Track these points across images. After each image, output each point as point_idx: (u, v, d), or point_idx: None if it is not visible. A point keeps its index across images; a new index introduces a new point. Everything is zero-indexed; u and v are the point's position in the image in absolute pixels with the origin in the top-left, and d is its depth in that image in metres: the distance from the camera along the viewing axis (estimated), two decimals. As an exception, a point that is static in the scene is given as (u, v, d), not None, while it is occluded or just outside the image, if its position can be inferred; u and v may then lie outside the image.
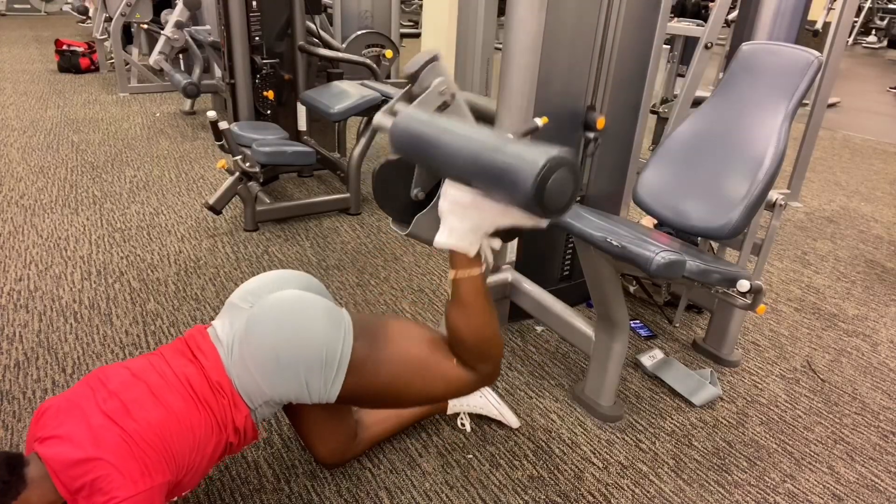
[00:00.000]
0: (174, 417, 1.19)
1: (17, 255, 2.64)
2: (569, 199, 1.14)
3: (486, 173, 1.15)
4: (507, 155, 1.12)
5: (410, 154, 1.36)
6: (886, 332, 2.48)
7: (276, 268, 2.67)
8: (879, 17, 12.03)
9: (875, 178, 4.42)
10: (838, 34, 3.37)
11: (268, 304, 1.35)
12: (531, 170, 1.07)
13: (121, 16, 5.19)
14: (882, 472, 1.77)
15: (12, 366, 1.97)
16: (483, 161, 1.15)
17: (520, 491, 1.62)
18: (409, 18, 10.48)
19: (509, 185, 1.11)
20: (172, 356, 1.31)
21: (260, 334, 1.31)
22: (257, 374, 1.29)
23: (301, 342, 1.30)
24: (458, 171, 1.23)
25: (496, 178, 1.14)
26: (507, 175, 1.11)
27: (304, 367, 1.29)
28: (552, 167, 1.08)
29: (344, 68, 3.65)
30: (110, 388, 1.20)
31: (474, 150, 1.17)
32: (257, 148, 2.88)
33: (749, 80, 1.87)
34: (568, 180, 1.11)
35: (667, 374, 2.07)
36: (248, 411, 1.31)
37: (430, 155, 1.27)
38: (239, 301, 1.40)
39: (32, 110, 4.82)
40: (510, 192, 1.13)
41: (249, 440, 1.36)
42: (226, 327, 1.37)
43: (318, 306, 1.36)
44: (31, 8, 10.42)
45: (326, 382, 1.31)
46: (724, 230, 1.78)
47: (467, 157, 1.18)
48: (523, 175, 1.08)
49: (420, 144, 1.29)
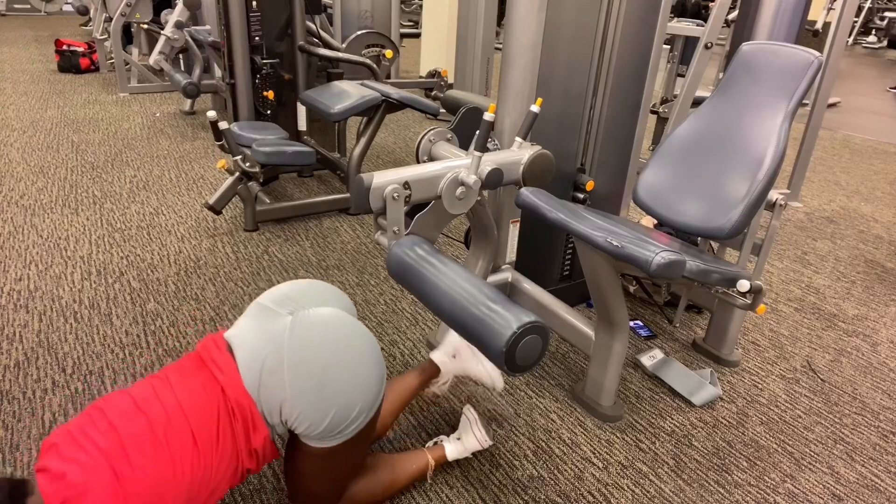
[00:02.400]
0: (169, 468, 1.10)
1: (17, 255, 2.64)
2: (535, 360, 1.28)
3: (465, 323, 1.31)
4: (486, 310, 1.28)
5: (403, 284, 1.53)
6: (886, 332, 2.48)
7: (276, 268, 2.67)
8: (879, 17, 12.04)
9: (875, 178, 4.43)
10: (838, 34, 3.37)
11: (324, 319, 1.28)
12: (504, 331, 1.22)
13: (121, 16, 5.19)
14: (882, 472, 1.77)
15: (12, 366, 1.97)
16: (463, 311, 1.32)
17: (520, 491, 1.62)
18: (409, 18, 10.48)
19: (485, 338, 1.26)
20: (180, 380, 1.21)
21: (314, 350, 1.23)
22: (290, 388, 1.20)
23: (350, 383, 1.24)
24: (441, 314, 1.39)
25: (474, 329, 1.29)
26: (483, 329, 1.27)
27: (337, 406, 1.22)
28: (523, 333, 1.23)
29: (344, 68, 3.65)
30: (110, 419, 1.12)
31: (457, 298, 1.35)
32: (257, 148, 2.88)
33: (749, 80, 1.88)
34: (537, 345, 1.26)
35: (667, 374, 2.07)
36: (267, 431, 1.22)
37: (419, 291, 1.45)
38: (273, 305, 1.31)
39: (32, 110, 4.82)
40: (484, 345, 1.27)
41: (268, 460, 1.28)
42: (253, 331, 1.28)
43: (374, 351, 1.31)
44: (31, 8, 10.42)
45: (342, 432, 1.25)
46: (724, 230, 1.78)
47: (451, 303, 1.35)
48: (497, 334, 1.23)
49: (410, 280, 1.48)
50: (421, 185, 1.65)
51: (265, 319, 1.29)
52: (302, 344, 1.23)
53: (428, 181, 1.66)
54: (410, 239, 1.58)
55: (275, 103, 3.42)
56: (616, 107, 2.23)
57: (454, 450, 1.62)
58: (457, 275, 1.39)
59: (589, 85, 2.13)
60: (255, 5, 3.20)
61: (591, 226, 1.57)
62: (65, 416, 1.76)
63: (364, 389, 1.26)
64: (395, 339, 2.23)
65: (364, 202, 1.58)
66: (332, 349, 1.25)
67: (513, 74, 1.98)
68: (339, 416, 1.22)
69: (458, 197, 1.69)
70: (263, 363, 1.21)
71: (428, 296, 1.41)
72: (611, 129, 2.26)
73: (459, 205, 1.71)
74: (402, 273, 1.50)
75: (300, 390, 1.20)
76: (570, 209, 1.71)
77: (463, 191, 1.69)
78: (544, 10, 1.89)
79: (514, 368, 1.24)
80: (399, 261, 1.52)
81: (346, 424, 1.24)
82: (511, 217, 2.16)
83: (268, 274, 2.62)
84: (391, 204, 1.60)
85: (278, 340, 1.23)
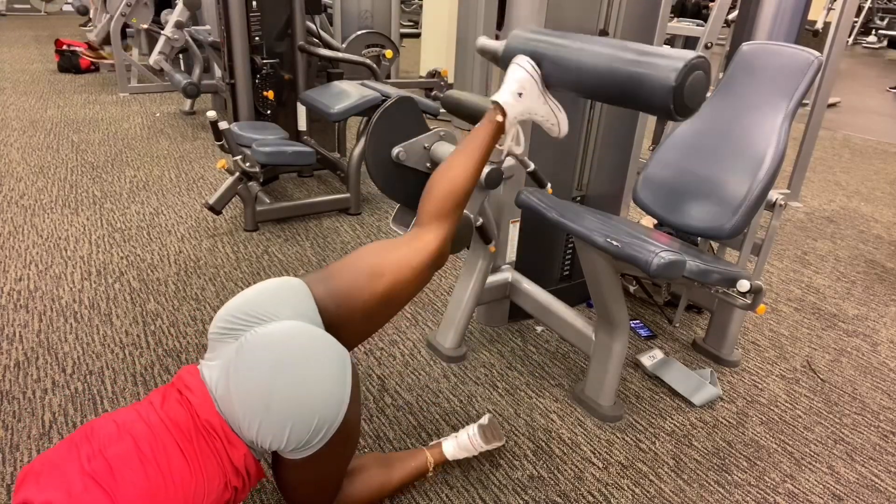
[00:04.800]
0: (160, 480, 1.09)
1: (17, 255, 2.64)
2: (702, 98, 1.26)
3: (622, 80, 1.28)
4: (642, 64, 1.25)
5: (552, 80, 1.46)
6: (886, 332, 2.48)
7: (276, 268, 2.67)
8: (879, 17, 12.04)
9: (875, 178, 4.43)
10: (838, 34, 3.37)
11: (265, 341, 1.22)
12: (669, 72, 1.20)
13: (121, 16, 5.19)
14: (882, 472, 1.77)
15: (12, 366, 1.97)
16: (617, 69, 1.28)
17: (520, 491, 1.62)
18: (409, 18, 10.48)
19: (647, 88, 1.24)
20: (162, 401, 1.21)
21: (256, 373, 1.19)
22: (240, 412, 1.17)
23: (300, 400, 1.18)
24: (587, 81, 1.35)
25: (633, 82, 1.26)
26: (644, 79, 1.24)
27: (292, 422, 1.17)
28: (692, 68, 1.20)
29: (344, 68, 3.65)
30: (94, 445, 1.11)
31: (607, 59, 1.31)
32: (257, 148, 2.88)
33: (749, 80, 1.88)
34: (703, 80, 1.23)
35: (667, 374, 2.07)
36: (245, 448, 1.21)
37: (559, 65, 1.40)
38: (221, 332, 1.27)
39: (32, 110, 4.82)
40: (648, 95, 1.25)
41: (255, 479, 1.26)
42: (212, 359, 1.27)
43: (328, 360, 1.23)
44: (31, 8, 10.42)
45: (309, 445, 1.20)
46: (724, 230, 1.78)
47: (601, 66, 1.31)
48: (662, 78, 1.21)
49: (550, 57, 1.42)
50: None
51: (219, 348, 1.27)
52: (243, 370, 1.20)
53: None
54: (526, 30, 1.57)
55: (275, 103, 3.42)
56: (616, 107, 2.23)
57: (451, 447, 1.62)
58: (592, 42, 1.39)
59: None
60: (255, 5, 3.20)
61: (591, 226, 1.57)
62: (65, 416, 1.77)
63: (318, 401, 1.19)
64: (396, 339, 2.23)
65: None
66: (272, 370, 1.19)
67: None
68: (298, 432, 1.17)
69: None
70: (216, 391, 1.21)
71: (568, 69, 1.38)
72: (611, 130, 2.26)
73: None
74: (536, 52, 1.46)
75: (250, 413, 1.17)
76: (570, 209, 1.71)
77: None
78: (544, 10, 1.89)
79: (682, 109, 1.22)
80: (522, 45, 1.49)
81: (310, 437, 1.19)
82: (511, 217, 2.16)
83: (268, 274, 2.62)
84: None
85: (226, 368, 1.22)
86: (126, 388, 1.90)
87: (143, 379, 1.94)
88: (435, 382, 2.01)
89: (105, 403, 1.83)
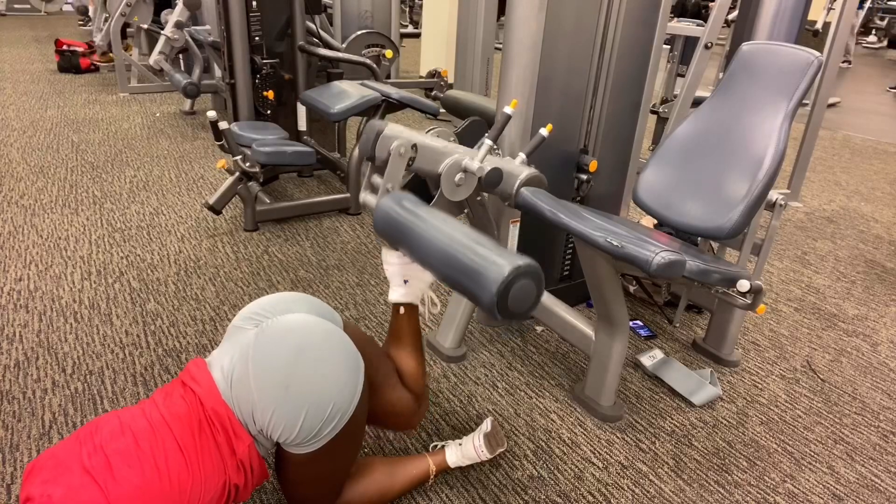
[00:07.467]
0: (156, 478, 1.10)
1: (17, 255, 2.64)
2: (531, 306, 1.19)
3: (456, 271, 1.22)
4: (476, 256, 1.19)
5: (391, 240, 1.46)
6: (886, 332, 2.48)
7: (276, 268, 2.67)
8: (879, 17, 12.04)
9: (875, 178, 4.43)
10: (838, 34, 3.37)
11: (286, 325, 1.28)
12: (496, 276, 1.13)
13: (120, 16, 5.19)
14: (882, 472, 1.77)
15: (12, 366, 1.97)
16: (453, 259, 1.23)
17: (520, 491, 1.62)
18: (409, 18, 10.48)
19: (475, 286, 1.17)
20: (165, 397, 1.24)
21: (277, 354, 1.23)
22: (256, 394, 1.20)
23: (318, 382, 1.22)
24: (430, 264, 1.32)
25: (465, 276, 1.20)
26: (474, 276, 1.17)
27: (308, 406, 1.20)
28: (517, 276, 1.13)
29: (344, 68, 3.65)
30: (97, 441, 1.13)
31: (446, 247, 1.25)
32: (257, 148, 2.88)
33: (749, 81, 1.88)
34: (531, 290, 1.17)
35: (667, 374, 2.07)
36: (250, 439, 1.22)
37: (407, 244, 1.38)
38: (242, 322, 1.34)
39: (32, 110, 4.82)
40: (476, 293, 1.18)
41: (257, 477, 1.27)
42: (226, 349, 1.30)
43: (343, 348, 1.29)
44: (31, 8, 10.42)
45: (319, 434, 1.22)
46: (724, 230, 1.78)
47: (440, 252, 1.27)
48: (488, 280, 1.14)
49: (398, 234, 1.40)
50: (427, 153, 1.63)
51: (236, 337, 1.32)
52: (265, 350, 1.24)
53: (435, 153, 1.65)
54: (399, 193, 1.52)
55: (275, 103, 3.42)
56: (616, 107, 2.23)
57: (455, 456, 1.62)
58: (444, 224, 1.32)
59: (589, 85, 2.13)
60: (255, 5, 3.20)
61: (591, 226, 1.56)
62: (65, 416, 1.77)
63: (334, 386, 1.24)
64: (395, 339, 2.23)
65: (370, 147, 1.55)
66: (294, 351, 1.24)
67: (513, 74, 1.98)
68: (312, 417, 1.20)
69: (458, 182, 1.69)
70: (232, 374, 1.23)
71: (415, 249, 1.35)
72: (611, 130, 2.26)
73: (457, 191, 1.70)
74: (388, 228, 1.44)
75: (267, 394, 1.20)
76: (570, 209, 1.71)
77: (462, 177, 1.69)
78: (544, 10, 1.89)
79: (507, 314, 1.16)
80: (385, 216, 1.44)
81: (322, 426, 1.21)
82: (511, 217, 2.16)
83: (268, 274, 2.62)
84: (395, 160, 1.56)
85: (244, 351, 1.25)
86: (126, 388, 1.90)
87: (143, 379, 1.94)
88: (435, 382, 2.01)
89: (105, 403, 1.83)
